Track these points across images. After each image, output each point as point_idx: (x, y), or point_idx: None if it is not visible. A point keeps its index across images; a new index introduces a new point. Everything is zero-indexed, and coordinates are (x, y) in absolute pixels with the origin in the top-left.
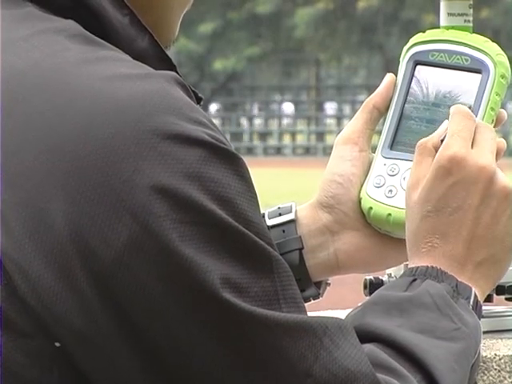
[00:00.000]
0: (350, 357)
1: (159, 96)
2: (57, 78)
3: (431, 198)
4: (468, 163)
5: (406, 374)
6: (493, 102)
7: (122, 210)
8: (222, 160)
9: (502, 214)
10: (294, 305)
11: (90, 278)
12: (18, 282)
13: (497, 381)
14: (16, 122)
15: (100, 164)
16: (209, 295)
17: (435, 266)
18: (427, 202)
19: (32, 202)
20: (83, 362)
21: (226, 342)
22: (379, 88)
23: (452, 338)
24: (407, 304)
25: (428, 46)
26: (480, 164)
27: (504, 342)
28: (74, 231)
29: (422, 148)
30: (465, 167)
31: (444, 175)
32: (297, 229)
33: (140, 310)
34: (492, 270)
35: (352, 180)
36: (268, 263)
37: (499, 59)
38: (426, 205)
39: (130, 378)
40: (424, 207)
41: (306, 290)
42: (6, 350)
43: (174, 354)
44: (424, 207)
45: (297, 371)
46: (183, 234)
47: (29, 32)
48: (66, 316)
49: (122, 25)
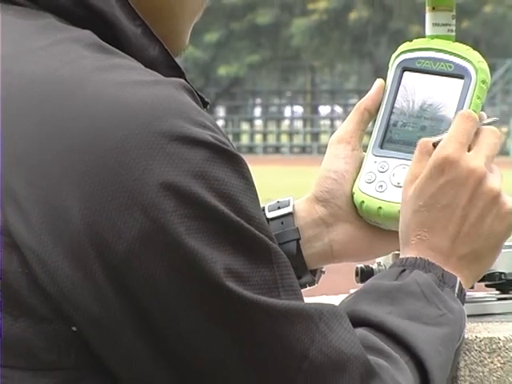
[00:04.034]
0: (343, 340)
1: (168, 101)
2: (73, 84)
3: (423, 194)
4: (459, 165)
5: (395, 355)
6: (474, 105)
7: (133, 206)
8: (224, 160)
9: (487, 215)
10: (292, 292)
11: (104, 268)
12: (38, 272)
13: (477, 361)
14: (35, 124)
15: (113, 164)
16: (213, 284)
17: (423, 257)
18: (419, 197)
19: (50, 199)
20: (98, 346)
21: (228, 327)
22: (370, 92)
23: (438, 323)
24: (396, 292)
25: (415, 53)
26: (471, 166)
27: (484, 325)
28: (89, 225)
29: (423, 147)
30: (456, 168)
31: (437, 174)
32: (294, 221)
33: (150, 298)
34: (475, 263)
35: (345, 176)
36: (267, 254)
37: (480, 66)
38: (418, 200)
39: (141, 361)
40: (416, 202)
41: (303, 277)
42: (28, 334)
43: (180, 338)
44: (416, 202)
45: (294, 354)
46: (190, 228)
47: (48, 41)
48: (82, 303)
49: (135, 35)
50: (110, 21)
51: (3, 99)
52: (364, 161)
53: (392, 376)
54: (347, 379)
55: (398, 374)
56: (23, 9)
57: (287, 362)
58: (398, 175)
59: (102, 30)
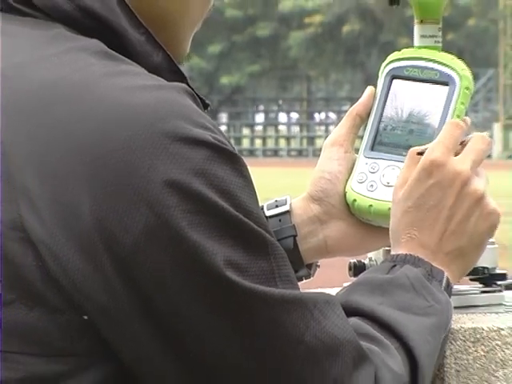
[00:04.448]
0: (336, 326)
1: (170, 104)
2: (82, 89)
3: (412, 195)
4: (446, 168)
5: (386, 341)
6: (458, 110)
7: (139, 202)
8: (224, 159)
9: (472, 215)
10: (288, 282)
11: (113, 261)
12: (51, 265)
13: (462, 349)
14: (46, 126)
15: (120, 163)
16: (214, 274)
17: (413, 253)
18: (409, 199)
19: (61, 197)
20: (108, 334)
21: (228, 317)
22: (361, 99)
23: (426, 313)
24: (388, 285)
25: (403, 62)
26: (457, 169)
27: (468, 316)
28: (98, 221)
29: (414, 155)
30: (443, 171)
31: (425, 177)
32: (291, 218)
33: (156, 290)
34: (461, 259)
35: (338, 177)
36: (265, 247)
37: (464, 73)
38: (408, 201)
39: (147, 349)
40: (406, 203)
41: (299, 270)
42: (41, 323)
43: (184, 328)
44: (406, 203)
45: (290, 339)
46: (191, 222)
47: (58, 50)
48: (92, 294)
49: (140, 42)
50: (116, 29)
51: (17, 103)
52: (356, 162)
53: (383, 360)
54: (340, 362)
55: (388, 358)
56: (35, 20)
57: (284, 349)
58: (387, 175)
59: (109, 38)
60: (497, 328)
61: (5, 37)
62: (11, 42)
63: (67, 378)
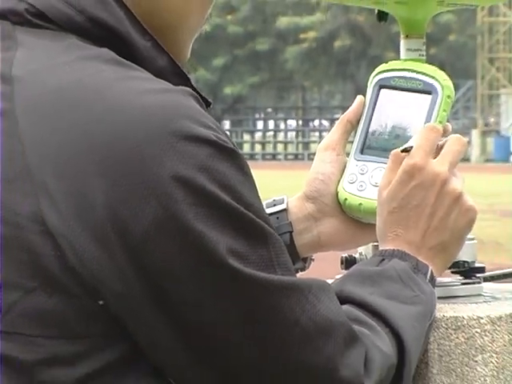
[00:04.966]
0: (329, 309)
1: (176, 106)
2: (94, 93)
3: (396, 197)
4: (426, 170)
5: (376, 326)
6: (441, 116)
7: (148, 196)
8: (225, 156)
9: (452, 212)
10: (286, 269)
11: (125, 250)
12: (69, 254)
13: (445, 336)
14: (63, 127)
15: (131, 160)
16: (218, 262)
17: (400, 249)
18: (393, 200)
19: (77, 191)
20: (121, 317)
21: (231, 298)
22: (352, 107)
23: (412, 302)
24: (377, 277)
25: (390, 73)
26: (436, 171)
27: (450, 305)
28: (111, 213)
29: (395, 158)
30: (423, 174)
31: (407, 179)
32: (288, 216)
33: (165, 278)
34: (443, 253)
35: (331, 178)
36: (264, 237)
37: (446, 83)
38: (393, 202)
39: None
40: (391, 204)
41: (295, 263)
42: (60, 308)
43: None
44: (391, 204)
45: (287, 322)
46: (197, 214)
47: (71, 58)
48: (107, 281)
49: (146, 48)
50: (124, 38)
51: (34, 106)
52: (347, 164)
53: (373, 341)
54: (333, 342)
55: (378, 340)
56: (51, 32)
57: (283, 335)
58: (375, 176)
59: (118, 46)
60: (476, 317)
61: (23, 47)
62: (29, 52)
63: (84, 358)
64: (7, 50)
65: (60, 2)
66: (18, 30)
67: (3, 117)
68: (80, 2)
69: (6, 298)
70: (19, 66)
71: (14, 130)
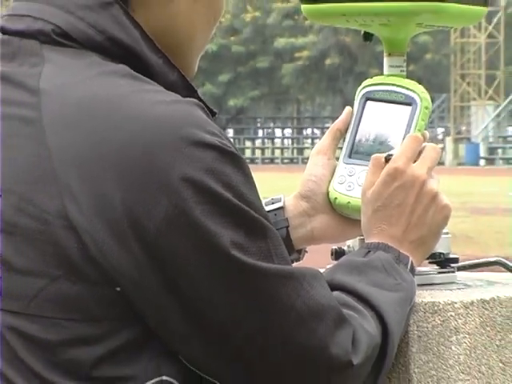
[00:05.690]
0: (321, 295)
1: (185, 115)
2: (112, 104)
3: (380, 197)
4: (407, 173)
5: (363, 310)
6: (419, 125)
7: (161, 195)
8: (229, 159)
9: (429, 209)
10: (282, 259)
11: (140, 243)
12: (90, 247)
13: (423, 319)
14: (84, 134)
15: (145, 163)
16: (222, 253)
17: (384, 242)
18: (378, 200)
19: (97, 191)
20: (136, 303)
21: (234, 285)
22: (341, 116)
23: (395, 290)
24: (364, 267)
25: (375, 87)
26: (415, 174)
27: (428, 292)
28: (127, 210)
29: (376, 162)
30: (404, 176)
31: (389, 181)
32: (284, 213)
33: (176, 266)
34: (422, 246)
35: (323, 179)
36: (263, 230)
37: (424, 96)
38: (377, 202)
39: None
40: (375, 203)
41: (291, 255)
42: (82, 294)
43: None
44: (375, 203)
45: (284, 306)
46: (203, 211)
47: (92, 73)
48: (125, 271)
49: (158, 65)
50: (140, 56)
51: (60, 116)
52: (337, 167)
53: (359, 323)
54: (324, 324)
55: (364, 322)
56: (74, 50)
57: (278, 312)
58: (362, 178)
59: (134, 63)
60: (451, 302)
61: (49, 63)
62: (55, 68)
63: (102, 339)
64: (35, 65)
65: (82, 23)
66: (45, 48)
67: (31, 125)
68: (100, 24)
69: (34, 284)
70: (46, 80)
71: (42, 138)
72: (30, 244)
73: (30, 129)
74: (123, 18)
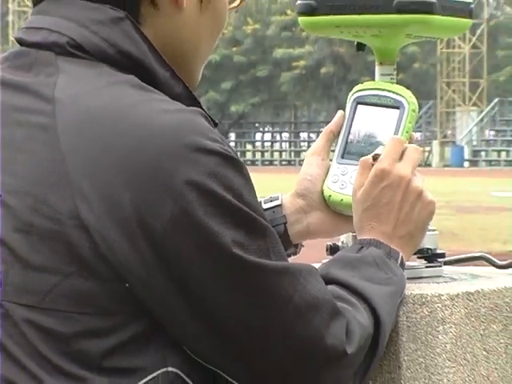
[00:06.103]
0: (316, 289)
1: (189, 123)
2: (120, 113)
3: (369, 196)
4: (393, 173)
5: (356, 303)
6: (407, 127)
7: (166, 197)
8: (230, 164)
9: (415, 206)
10: (280, 256)
11: (148, 242)
12: (101, 245)
13: (412, 310)
14: (95, 141)
15: (152, 167)
16: (224, 251)
17: (375, 238)
18: (367, 199)
19: (108, 193)
20: (144, 299)
21: (236, 283)
22: (333, 120)
23: (386, 283)
24: (357, 262)
25: (366, 92)
26: (401, 174)
27: (416, 285)
28: (136, 211)
29: (364, 164)
30: (391, 176)
31: (377, 181)
32: (282, 210)
33: (181, 264)
34: (410, 242)
35: (317, 178)
36: (261, 230)
37: (411, 100)
38: (366, 201)
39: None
40: (365, 203)
41: (288, 249)
42: (94, 290)
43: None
44: (365, 203)
45: (282, 299)
46: (206, 212)
47: (103, 83)
48: (134, 268)
49: (165, 77)
50: (148, 68)
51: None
52: (330, 167)
53: (353, 315)
54: (319, 316)
55: (357, 314)
56: (86, 61)
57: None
58: (354, 177)
59: (142, 74)
60: (438, 294)
61: (64, 74)
62: (69, 78)
63: (113, 331)
64: (51, 75)
65: (95, 36)
66: (60, 59)
67: (46, 131)
68: (112, 38)
69: (49, 280)
70: (60, 89)
71: (56, 144)
72: (45, 242)
73: (45, 135)
74: (133, 33)
